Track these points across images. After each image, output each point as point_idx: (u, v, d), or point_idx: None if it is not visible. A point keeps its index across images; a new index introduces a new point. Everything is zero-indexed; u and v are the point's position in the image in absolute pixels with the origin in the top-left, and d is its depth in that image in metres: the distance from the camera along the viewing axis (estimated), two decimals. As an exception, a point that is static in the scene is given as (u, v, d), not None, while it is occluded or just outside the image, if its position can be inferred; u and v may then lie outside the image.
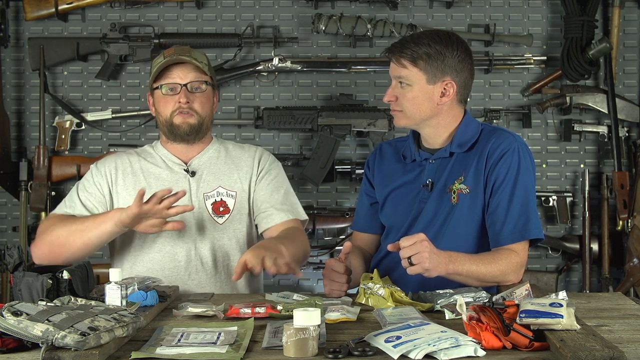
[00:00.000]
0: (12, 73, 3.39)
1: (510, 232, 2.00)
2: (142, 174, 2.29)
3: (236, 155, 2.35)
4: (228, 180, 2.29)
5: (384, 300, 1.79)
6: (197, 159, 2.31)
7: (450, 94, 2.08)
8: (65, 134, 3.34)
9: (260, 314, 1.68)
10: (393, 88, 2.11)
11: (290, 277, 3.38)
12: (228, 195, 2.28)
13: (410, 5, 3.36)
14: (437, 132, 2.12)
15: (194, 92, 2.23)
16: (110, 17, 3.35)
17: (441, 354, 1.37)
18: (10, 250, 1.71)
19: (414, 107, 2.07)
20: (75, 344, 1.33)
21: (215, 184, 2.28)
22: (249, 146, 2.41)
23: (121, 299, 1.69)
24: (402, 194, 2.16)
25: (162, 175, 2.29)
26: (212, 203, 2.26)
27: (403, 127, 2.17)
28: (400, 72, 2.07)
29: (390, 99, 2.10)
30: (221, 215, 2.26)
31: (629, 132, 3.36)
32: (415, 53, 2.04)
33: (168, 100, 2.23)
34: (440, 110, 2.09)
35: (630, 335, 1.56)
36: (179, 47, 2.30)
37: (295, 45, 3.37)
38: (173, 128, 2.25)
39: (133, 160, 2.32)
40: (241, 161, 2.34)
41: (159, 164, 2.31)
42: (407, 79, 2.06)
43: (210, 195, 2.27)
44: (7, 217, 3.42)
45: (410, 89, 2.07)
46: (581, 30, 3.23)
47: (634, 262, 3.14)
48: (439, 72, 2.05)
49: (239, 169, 2.32)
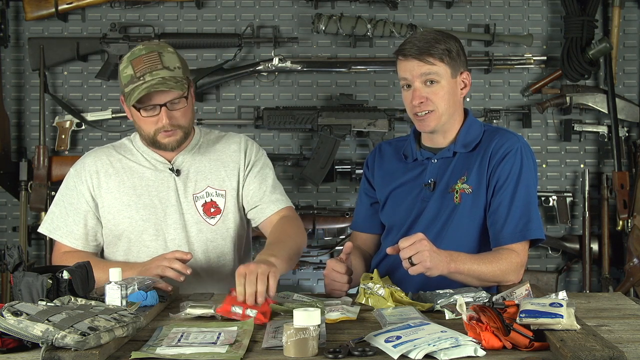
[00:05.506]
0: (12, 73, 3.39)
1: (511, 231, 2.00)
2: (125, 174, 2.21)
3: (220, 149, 2.27)
4: (216, 179, 2.24)
5: (384, 300, 1.79)
6: (181, 156, 2.22)
7: (468, 86, 2.11)
8: (65, 134, 3.34)
9: (250, 317, 1.67)
10: (419, 89, 2.05)
11: (290, 277, 3.38)
12: (218, 195, 2.23)
13: (410, 5, 3.36)
14: (449, 131, 2.12)
15: (174, 109, 2.11)
16: (110, 17, 3.35)
17: (441, 354, 1.37)
18: (10, 250, 1.71)
19: (445, 104, 2.06)
20: (75, 344, 1.33)
21: (203, 183, 2.22)
22: (234, 136, 2.32)
23: (121, 299, 1.69)
24: (403, 193, 2.16)
25: (146, 174, 2.21)
26: (202, 204, 2.21)
27: (433, 129, 2.09)
28: (428, 68, 2.03)
29: (421, 100, 2.04)
30: (212, 217, 2.22)
31: (629, 132, 3.36)
32: (437, 48, 2.03)
33: (148, 120, 2.12)
34: (459, 105, 2.11)
35: (630, 335, 1.56)
36: (148, 57, 2.09)
37: (295, 45, 3.37)
38: (157, 143, 2.16)
39: (114, 160, 2.23)
40: (226, 156, 2.26)
41: (141, 161, 2.22)
42: (436, 75, 2.04)
43: (200, 197, 2.22)
44: (7, 217, 3.42)
45: (440, 85, 2.05)
46: (581, 30, 3.23)
47: (634, 262, 3.14)
48: (457, 65, 2.07)
49: (225, 165, 2.25)
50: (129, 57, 2.12)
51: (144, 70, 2.08)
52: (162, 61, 2.10)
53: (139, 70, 2.08)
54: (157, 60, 2.09)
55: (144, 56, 2.10)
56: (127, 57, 2.13)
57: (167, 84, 2.06)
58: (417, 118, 2.08)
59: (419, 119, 2.07)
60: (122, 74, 2.12)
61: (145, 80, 2.07)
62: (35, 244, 3.39)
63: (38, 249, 3.39)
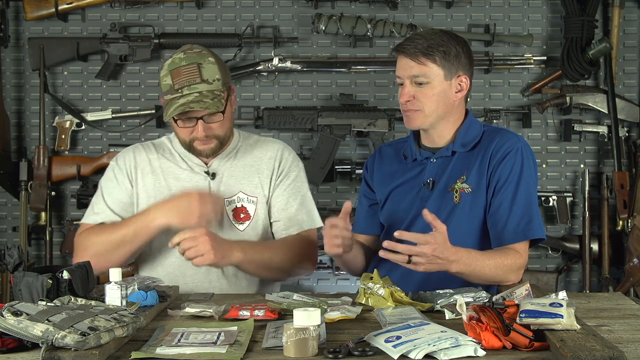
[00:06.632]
0: (12, 73, 3.39)
1: (512, 231, 2.00)
2: (162, 174, 2.20)
3: (258, 155, 2.25)
4: (249, 185, 2.21)
5: (384, 300, 1.79)
6: (217, 160, 2.21)
7: (464, 89, 2.09)
8: (65, 134, 3.34)
9: (259, 317, 1.68)
10: (408, 87, 2.06)
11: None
12: (249, 201, 2.20)
13: (410, 5, 3.36)
14: (444, 131, 2.11)
15: (211, 121, 2.10)
16: (110, 17, 3.35)
17: (441, 354, 1.37)
18: (10, 250, 1.71)
19: (434, 105, 2.05)
20: (75, 344, 1.33)
21: (236, 188, 2.20)
22: (272, 143, 2.31)
23: (121, 299, 1.69)
24: (402, 192, 2.16)
25: (182, 176, 2.20)
26: (233, 209, 2.18)
27: (417, 127, 2.11)
28: (419, 69, 2.03)
29: (408, 99, 2.06)
30: (242, 222, 2.19)
31: (629, 132, 3.36)
32: (432, 49, 2.03)
33: (184, 130, 2.12)
34: (453, 107, 2.09)
35: (630, 335, 1.56)
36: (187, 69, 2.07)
37: (295, 45, 3.37)
38: (193, 150, 2.16)
39: (152, 158, 2.22)
40: (262, 163, 2.24)
41: (178, 162, 2.22)
42: (425, 76, 2.03)
43: (231, 201, 2.19)
44: (7, 217, 3.42)
45: (430, 86, 2.04)
46: (581, 30, 3.23)
47: (634, 262, 3.14)
48: (454, 67, 2.05)
49: (259, 172, 2.23)
50: (169, 66, 2.10)
51: (182, 83, 2.06)
52: (201, 74, 2.07)
53: (178, 82, 2.07)
54: (195, 73, 2.07)
55: (182, 68, 2.07)
56: (168, 65, 2.10)
57: (203, 103, 2.05)
58: (405, 114, 2.10)
59: (406, 115, 2.10)
60: (162, 81, 2.11)
61: (182, 94, 2.06)
62: (35, 244, 3.39)
63: (38, 249, 3.39)
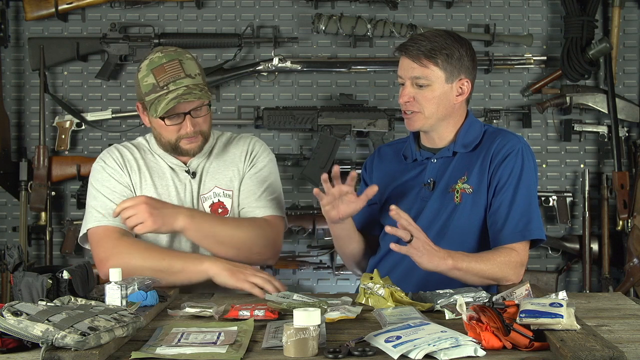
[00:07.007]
0: (12, 73, 3.39)
1: (511, 231, 2.00)
2: (148, 171, 2.21)
3: (232, 151, 2.27)
4: (224, 179, 2.23)
5: (384, 300, 1.79)
6: (196, 159, 2.23)
7: (465, 93, 2.09)
8: (65, 134, 3.34)
9: (259, 317, 1.68)
10: (408, 88, 2.06)
11: (290, 277, 3.38)
12: (225, 195, 2.22)
13: (410, 5, 3.36)
14: (444, 132, 2.12)
15: (197, 116, 2.12)
16: (110, 17, 3.35)
17: (441, 354, 1.37)
18: (10, 250, 1.71)
19: (433, 107, 2.05)
20: (75, 344, 1.33)
21: (211, 184, 2.22)
22: (244, 138, 2.31)
23: (121, 299, 1.69)
24: (402, 192, 2.16)
25: (166, 174, 2.21)
26: (210, 205, 2.20)
27: (417, 129, 2.11)
28: (420, 71, 2.03)
29: (407, 100, 2.06)
30: None
31: (629, 132, 3.36)
32: (435, 51, 2.02)
33: (170, 129, 2.11)
34: (453, 110, 2.09)
35: (630, 335, 1.55)
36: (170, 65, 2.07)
37: (295, 45, 3.37)
38: (179, 149, 2.16)
39: (137, 157, 2.22)
40: (235, 157, 2.26)
41: (159, 162, 2.23)
42: (426, 79, 2.03)
43: (207, 197, 2.21)
44: (7, 217, 3.42)
45: (430, 88, 2.04)
46: (581, 30, 3.23)
47: (634, 262, 3.14)
48: (456, 70, 2.05)
49: (233, 165, 2.24)
50: (148, 66, 2.09)
51: (167, 79, 2.06)
52: (184, 69, 2.08)
53: (162, 79, 2.07)
54: (179, 68, 2.08)
55: (165, 65, 2.08)
56: (147, 66, 2.09)
57: (194, 94, 2.05)
58: (405, 115, 2.10)
59: (406, 116, 2.10)
60: (142, 82, 2.09)
61: (169, 90, 2.06)
62: (35, 244, 3.39)
63: (38, 249, 3.39)
